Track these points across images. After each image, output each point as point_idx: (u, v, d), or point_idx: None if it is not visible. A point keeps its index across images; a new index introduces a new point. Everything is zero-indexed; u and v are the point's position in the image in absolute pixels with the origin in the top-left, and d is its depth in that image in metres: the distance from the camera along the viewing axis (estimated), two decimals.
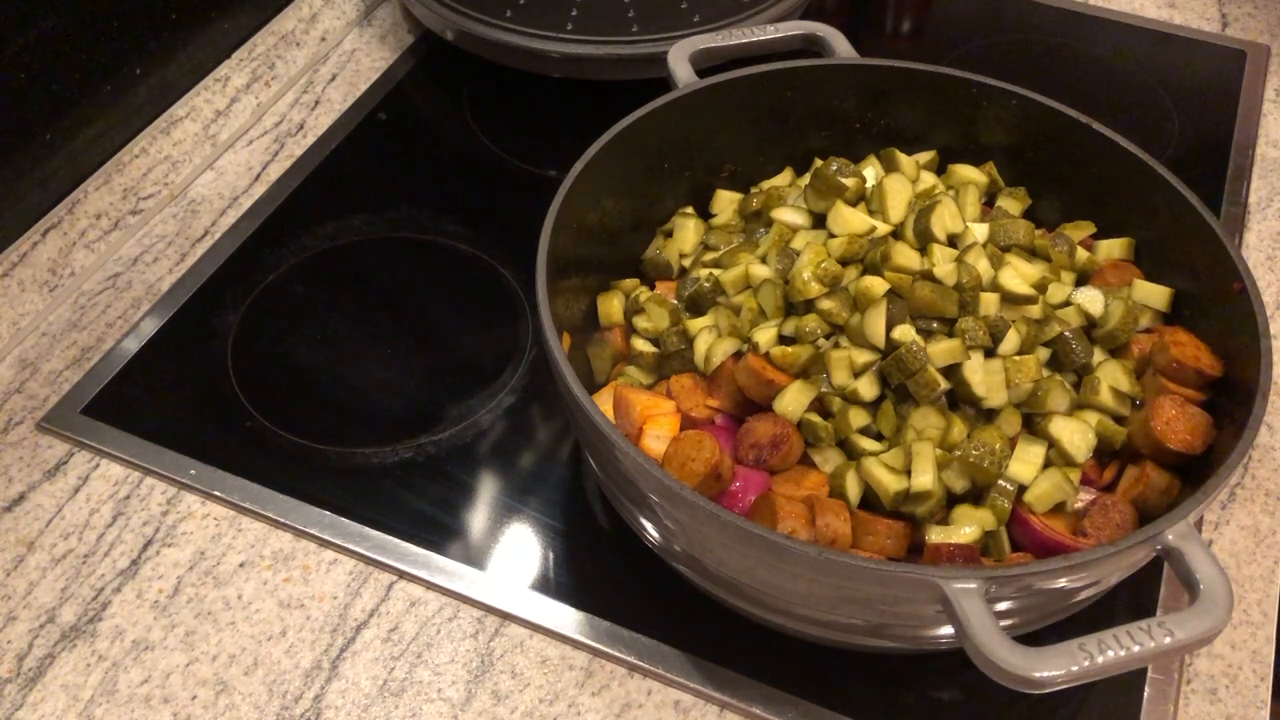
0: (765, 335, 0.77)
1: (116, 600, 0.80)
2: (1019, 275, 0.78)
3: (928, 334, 0.75)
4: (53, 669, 0.76)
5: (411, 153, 1.14)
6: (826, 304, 0.77)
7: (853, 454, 0.74)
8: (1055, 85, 1.11)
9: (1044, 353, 0.77)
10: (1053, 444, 0.74)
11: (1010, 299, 0.77)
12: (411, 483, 0.86)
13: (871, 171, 0.89)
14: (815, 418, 0.74)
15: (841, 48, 0.91)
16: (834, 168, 0.86)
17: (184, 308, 0.98)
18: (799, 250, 0.81)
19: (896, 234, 0.82)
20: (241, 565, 0.82)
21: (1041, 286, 0.79)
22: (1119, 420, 0.76)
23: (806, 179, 0.89)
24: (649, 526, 0.71)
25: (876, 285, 0.76)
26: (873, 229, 0.82)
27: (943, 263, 0.78)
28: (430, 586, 0.81)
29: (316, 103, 1.18)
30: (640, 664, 0.76)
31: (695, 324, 0.81)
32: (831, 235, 0.83)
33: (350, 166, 1.11)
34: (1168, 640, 0.58)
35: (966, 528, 0.71)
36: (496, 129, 1.16)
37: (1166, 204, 0.81)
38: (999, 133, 0.90)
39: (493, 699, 0.75)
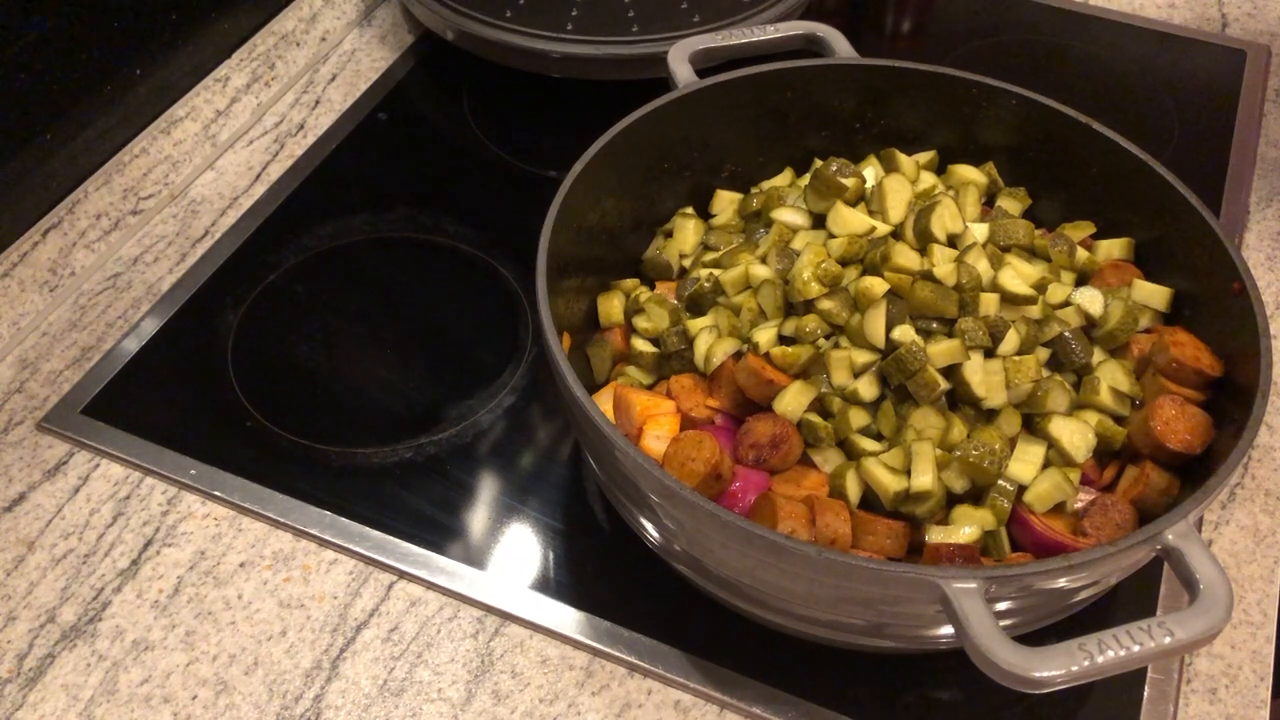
0: (765, 335, 0.77)
1: (117, 600, 0.80)
2: (1019, 275, 0.78)
3: (927, 334, 0.75)
4: (53, 669, 0.76)
5: (411, 153, 1.14)
6: (826, 304, 0.77)
7: (853, 454, 0.74)
8: (1055, 85, 1.11)
9: (1044, 353, 0.77)
10: (1052, 444, 0.74)
11: (1010, 299, 0.77)
12: (411, 483, 0.86)
13: (871, 171, 0.89)
14: (815, 418, 0.74)
15: (841, 48, 0.91)
16: (834, 168, 0.86)
17: (184, 308, 0.98)
18: (799, 250, 0.81)
19: (896, 234, 0.82)
20: (241, 565, 0.82)
21: (1041, 287, 0.79)
22: (1119, 420, 0.76)
23: (806, 179, 0.89)
24: (649, 526, 0.71)
25: (876, 285, 0.76)
26: (873, 229, 0.82)
27: (943, 263, 0.78)
28: (430, 586, 0.81)
29: (316, 103, 1.18)
30: (640, 664, 0.76)
31: (695, 324, 0.81)
32: (831, 235, 0.83)
33: (350, 166, 1.11)
34: (1168, 640, 0.58)
35: (966, 528, 0.71)
36: (496, 129, 1.16)
37: (1166, 204, 0.81)
38: (999, 133, 0.90)
39: (493, 699, 0.75)
